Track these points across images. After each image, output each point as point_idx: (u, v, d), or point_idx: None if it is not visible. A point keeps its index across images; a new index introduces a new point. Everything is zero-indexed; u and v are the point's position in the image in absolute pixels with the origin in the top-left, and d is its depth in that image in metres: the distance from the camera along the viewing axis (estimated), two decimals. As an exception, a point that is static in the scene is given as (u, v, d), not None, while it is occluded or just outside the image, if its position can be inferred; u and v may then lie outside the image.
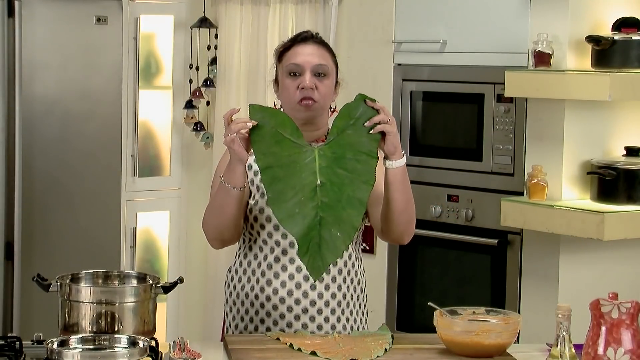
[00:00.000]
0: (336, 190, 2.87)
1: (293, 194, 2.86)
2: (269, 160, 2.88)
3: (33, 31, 4.80)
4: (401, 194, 2.97)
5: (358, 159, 2.89)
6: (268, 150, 2.89)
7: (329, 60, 3.09)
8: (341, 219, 2.86)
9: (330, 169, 2.88)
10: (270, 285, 3.07)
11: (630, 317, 2.51)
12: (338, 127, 2.91)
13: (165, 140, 5.66)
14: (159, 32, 5.59)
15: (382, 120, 2.89)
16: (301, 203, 2.86)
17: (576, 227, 4.00)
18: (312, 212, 2.85)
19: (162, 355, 2.71)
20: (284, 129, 2.90)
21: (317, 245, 2.85)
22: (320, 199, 2.86)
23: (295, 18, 5.24)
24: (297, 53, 3.06)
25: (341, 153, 2.89)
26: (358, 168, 2.88)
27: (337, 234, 2.86)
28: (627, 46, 4.06)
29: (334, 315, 3.08)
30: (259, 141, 2.89)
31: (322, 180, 2.87)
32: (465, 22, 4.61)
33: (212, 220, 3.05)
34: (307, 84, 3.02)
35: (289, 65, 3.05)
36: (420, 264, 4.75)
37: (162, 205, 5.65)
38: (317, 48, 3.08)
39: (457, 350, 2.79)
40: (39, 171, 4.86)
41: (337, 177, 2.87)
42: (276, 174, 2.87)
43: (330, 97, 3.10)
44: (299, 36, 3.11)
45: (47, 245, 4.89)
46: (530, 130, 4.33)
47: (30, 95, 4.80)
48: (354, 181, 2.87)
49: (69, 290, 2.79)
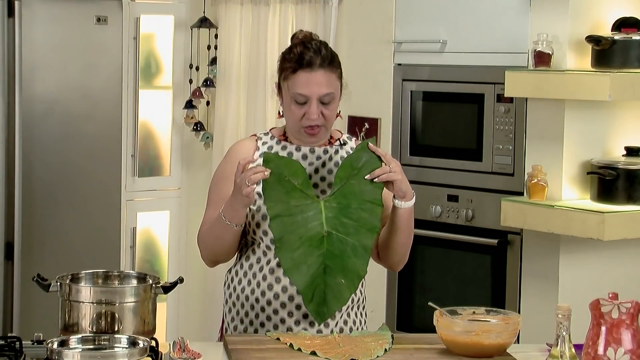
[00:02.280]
0: (342, 239, 2.95)
1: (299, 243, 2.93)
2: (278, 209, 2.95)
3: (33, 31, 4.80)
4: (405, 230, 3.05)
5: (363, 208, 2.96)
6: (278, 199, 2.95)
7: (335, 82, 3.03)
8: (347, 268, 2.95)
9: (336, 219, 2.95)
10: (271, 289, 3.06)
11: (630, 317, 2.51)
12: (341, 177, 2.97)
13: (165, 140, 5.66)
14: (159, 32, 5.59)
15: (384, 171, 2.92)
16: (307, 252, 2.93)
17: (576, 227, 4.00)
18: (317, 260, 2.94)
19: (162, 355, 2.71)
20: (295, 178, 2.95)
21: (322, 292, 2.95)
22: (326, 247, 2.94)
23: (295, 18, 5.24)
24: (302, 83, 2.99)
25: (346, 203, 2.96)
26: (363, 217, 2.96)
27: (342, 281, 2.94)
28: (627, 46, 4.06)
29: (333, 321, 3.07)
30: (271, 189, 2.95)
31: (329, 230, 2.94)
32: (465, 22, 4.61)
33: (208, 246, 3.10)
34: (313, 116, 3.00)
35: (294, 94, 3.01)
36: (420, 264, 4.75)
37: (162, 205, 5.65)
38: (324, 74, 3.00)
39: (457, 350, 2.79)
40: (39, 171, 4.86)
41: (343, 227, 2.95)
42: (285, 223, 2.94)
43: (335, 114, 3.08)
44: (303, 58, 3.00)
45: (47, 245, 4.89)
46: (530, 130, 4.33)
47: (30, 95, 4.80)
48: (359, 230, 2.95)
49: (69, 290, 2.79)
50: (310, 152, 3.10)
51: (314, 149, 3.10)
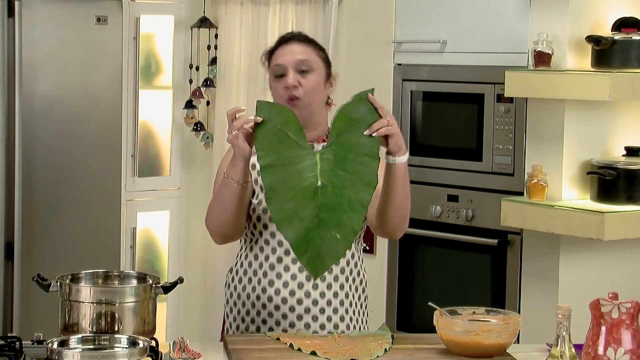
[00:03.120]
0: (337, 192, 2.84)
1: (292, 195, 2.83)
2: (270, 159, 2.86)
3: (33, 31, 4.80)
4: (401, 189, 2.96)
5: (360, 161, 2.85)
6: (270, 148, 2.86)
7: (313, 55, 3.09)
8: (342, 222, 2.83)
9: (332, 171, 2.85)
10: (273, 285, 3.07)
11: (630, 317, 2.51)
12: (337, 128, 2.88)
13: (165, 140, 5.66)
14: (159, 32, 5.59)
15: (382, 125, 2.87)
16: (300, 205, 2.82)
17: (576, 227, 4.00)
18: (312, 213, 2.82)
19: (162, 355, 2.71)
20: (288, 127, 2.87)
21: (318, 246, 2.83)
22: (321, 200, 2.83)
23: (295, 18, 5.24)
24: (279, 54, 3.09)
25: (342, 155, 2.86)
26: (360, 170, 2.85)
27: (337, 236, 2.83)
28: (627, 46, 4.06)
29: (336, 315, 3.07)
30: (262, 138, 2.87)
31: (324, 182, 2.84)
32: (465, 22, 4.61)
33: (214, 215, 3.04)
34: (289, 82, 3.03)
35: (273, 67, 3.08)
36: (420, 264, 4.75)
37: (162, 205, 5.65)
38: (299, 45, 3.09)
39: (457, 350, 2.79)
40: (39, 171, 4.86)
41: (339, 180, 2.84)
42: (276, 174, 2.85)
43: (319, 92, 3.08)
44: (283, 38, 3.14)
45: (47, 245, 4.89)
46: (530, 130, 4.33)
47: (30, 95, 4.80)
48: (356, 183, 2.84)
49: (69, 290, 2.79)
50: (308, 147, 3.10)
51: (312, 144, 3.10)
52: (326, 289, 3.08)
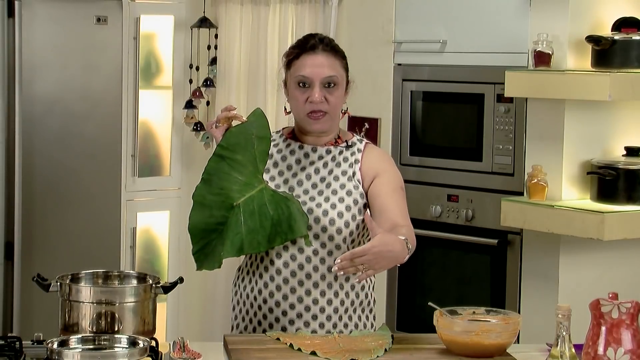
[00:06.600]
0: (251, 221, 2.96)
1: (218, 192, 2.98)
2: (226, 152, 2.98)
3: (33, 31, 4.80)
4: None
5: (293, 216, 2.97)
6: (232, 145, 2.97)
7: (339, 69, 3.05)
8: (234, 243, 2.97)
9: (261, 204, 2.97)
10: (267, 287, 3.08)
11: (630, 317, 2.51)
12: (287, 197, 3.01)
13: (165, 140, 5.66)
14: (159, 32, 5.59)
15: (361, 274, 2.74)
16: (219, 205, 2.98)
17: (576, 227, 4.00)
18: (222, 220, 2.98)
19: (162, 355, 2.71)
20: (259, 143, 2.96)
21: (212, 247, 2.99)
22: (230, 217, 2.97)
23: (295, 18, 5.24)
24: (305, 64, 3.02)
25: (280, 200, 2.97)
26: (284, 219, 2.97)
27: (222, 253, 2.97)
28: (627, 46, 4.06)
29: (336, 314, 3.07)
30: (233, 134, 2.98)
31: (244, 206, 2.96)
32: (465, 22, 4.61)
33: None
34: (316, 99, 3.00)
35: (297, 77, 3.02)
36: (420, 264, 4.75)
37: (162, 205, 5.65)
38: (326, 57, 3.03)
39: (457, 350, 2.79)
40: (39, 171, 4.86)
41: (260, 215, 2.96)
42: (221, 168, 2.99)
43: (341, 105, 3.08)
44: (307, 43, 3.06)
45: (47, 245, 4.89)
46: (530, 130, 4.33)
47: (30, 95, 4.80)
48: (274, 227, 2.97)
49: (69, 290, 2.79)
50: (312, 151, 3.10)
51: (316, 147, 3.09)
52: (327, 287, 3.07)
